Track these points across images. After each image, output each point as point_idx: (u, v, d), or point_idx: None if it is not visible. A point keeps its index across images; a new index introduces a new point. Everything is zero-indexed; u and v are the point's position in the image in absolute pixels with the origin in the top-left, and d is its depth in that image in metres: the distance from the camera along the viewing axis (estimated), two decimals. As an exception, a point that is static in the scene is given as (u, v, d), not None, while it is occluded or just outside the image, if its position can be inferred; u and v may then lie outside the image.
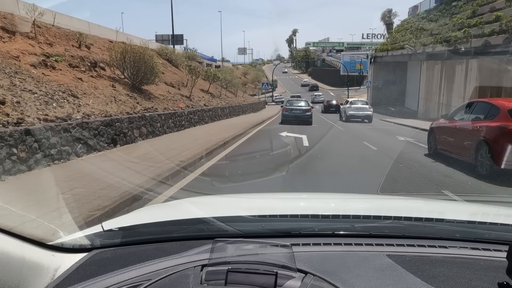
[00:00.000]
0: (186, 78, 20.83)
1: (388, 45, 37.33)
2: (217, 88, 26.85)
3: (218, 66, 58.96)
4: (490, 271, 1.03)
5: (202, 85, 25.25)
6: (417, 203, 2.03)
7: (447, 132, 8.28)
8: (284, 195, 2.62)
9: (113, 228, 1.29)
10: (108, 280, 0.99)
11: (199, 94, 21.33)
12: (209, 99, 21.63)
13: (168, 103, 14.30)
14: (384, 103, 42.40)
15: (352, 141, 13.59)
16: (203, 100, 19.64)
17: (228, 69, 63.76)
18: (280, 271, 0.95)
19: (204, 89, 24.29)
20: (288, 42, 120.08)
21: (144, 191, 5.13)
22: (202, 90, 23.77)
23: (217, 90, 27.50)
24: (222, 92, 27.90)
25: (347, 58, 65.99)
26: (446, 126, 8.50)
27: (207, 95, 22.86)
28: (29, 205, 4.06)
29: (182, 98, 17.03)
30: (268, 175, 6.40)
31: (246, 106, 29.46)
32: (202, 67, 32.78)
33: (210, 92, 24.52)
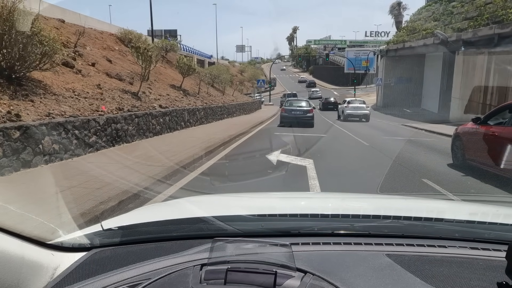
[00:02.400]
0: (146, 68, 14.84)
1: (404, 36, 31.18)
2: (200, 84, 20.87)
3: (213, 63, 53.26)
4: (489, 271, 1.02)
5: (175, 79, 19.26)
6: (416, 203, 2.00)
7: (480, 139, 6.64)
8: (284, 195, 2.59)
9: (112, 227, 1.27)
10: (107, 279, 0.98)
11: (163, 91, 15.33)
12: (177, 97, 15.58)
13: (80, 104, 8.28)
14: (397, 103, 36.40)
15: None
16: (163, 99, 13.61)
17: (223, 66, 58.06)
18: (280, 270, 0.94)
19: (176, 84, 18.30)
20: (288, 40, 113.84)
21: None
22: (172, 86, 17.79)
23: (198, 87, 21.52)
24: (203, 89, 21.88)
25: (351, 55, 59.84)
26: (478, 132, 6.82)
27: (177, 92, 16.85)
28: (28, 204, 3.91)
29: (124, 95, 11.04)
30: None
31: (234, 107, 23.40)
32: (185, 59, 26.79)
33: (184, 89, 18.52)
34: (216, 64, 56.60)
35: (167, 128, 11.48)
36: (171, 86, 17.66)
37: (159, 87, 16.02)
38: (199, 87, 20.08)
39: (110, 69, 13.44)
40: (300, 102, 19.27)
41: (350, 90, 55.73)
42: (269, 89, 45.76)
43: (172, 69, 22.13)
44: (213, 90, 25.68)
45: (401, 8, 54.46)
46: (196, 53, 50.76)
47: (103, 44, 16.95)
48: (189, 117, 13.90)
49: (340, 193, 3.36)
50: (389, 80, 37.15)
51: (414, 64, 34.44)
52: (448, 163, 7.82)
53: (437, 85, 31.47)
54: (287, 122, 17.38)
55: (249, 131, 14.76)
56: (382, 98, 37.86)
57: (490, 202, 4.75)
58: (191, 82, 22.67)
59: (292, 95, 44.27)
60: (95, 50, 15.05)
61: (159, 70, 20.05)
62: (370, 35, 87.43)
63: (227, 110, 20.89)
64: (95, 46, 15.85)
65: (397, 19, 54.16)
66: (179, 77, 21.05)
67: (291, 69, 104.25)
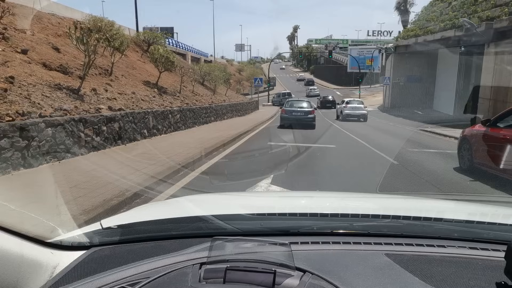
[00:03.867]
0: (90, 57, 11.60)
1: (416, 30, 27.74)
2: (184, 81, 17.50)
3: (210, 61, 50.06)
4: (488, 271, 1.01)
5: (153, 75, 15.89)
6: (415, 203, 1.97)
7: (490, 142, 6.30)
8: (283, 194, 2.61)
9: (111, 226, 1.26)
10: (106, 278, 0.97)
11: (129, 88, 11.99)
12: (146, 97, 12.21)
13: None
14: (407, 104, 33.00)
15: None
16: (122, 99, 10.26)
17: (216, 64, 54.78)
18: (279, 269, 0.93)
19: (152, 80, 14.94)
20: (289, 39, 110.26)
21: None
22: (146, 82, 14.44)
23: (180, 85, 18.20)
24: (188, 88, 18.53)
25: (355, 53, 56.37)
26: (487, 135, 6.43)
27: (149, 90, 13.49)
28: (28, 202, 3.75)
29: (53, 93, 7.70)
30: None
31: (225, 108, 20.03)
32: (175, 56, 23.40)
33: (162, 87, 15.17)
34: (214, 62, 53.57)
35: (113, 140, 8.09)
36: (145, 83, 14.31)
37: (125, 83, 12.67)
38: (180, 85, 16.68)
39: (52, 59, 10.08)
40: (301, 102, 17.95)
41: (354, 90, 52.35)
42: (268, 89, 42.32)
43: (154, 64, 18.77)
44: (203, 89, 22.32)
45: (408, 4, 50.99)
46: (191, 50, 47.43)
47: (58, 31, 13.60)
48: (156, 123, 10.51)
49: (340, 193, 3.19)
50: (397, 79, 33.73)
51: (426, 62, 31.03)
52: (455, 167, 7.42)
53: (452, 84, 28.05)
54: (287, 124, 16.13)
55: (235, 140, 11.38)
56: (390, 98, 34.44)
57: (489, 202, 4.41)
58: (175, 79, 19.34)
59: (287, 94, 41.86)
60: (40, 36, 11.69)
61: (135, 64, 16.70)
62: (372, 35, 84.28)
63: (214, 112, 17.51)
64: (44, 32, 12.50)
65: (403, 15, 50.66)
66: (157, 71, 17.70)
67: (291, 69, 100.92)
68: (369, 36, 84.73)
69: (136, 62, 17.21)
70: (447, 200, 4.30)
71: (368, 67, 54.59)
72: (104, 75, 12.07)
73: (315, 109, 18.00)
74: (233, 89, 49.58)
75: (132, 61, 17.01)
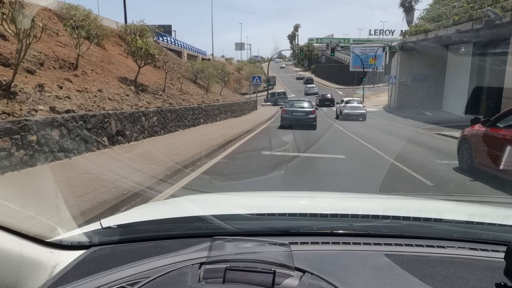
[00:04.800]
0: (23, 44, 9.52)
1: (425, 25, 25.55)
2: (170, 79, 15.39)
3: (208, 60, 47.99)
4: (488, 272, 1.00)
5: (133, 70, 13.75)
6: (415, 203, 1.96)
7: (490, 142, 6.24)
8: (283, 194, 2.49)
9: (111, 225, 1.24)
10: (106, 278, 0.96)
11: (95, 85, 9.87)
12: (116, 96, 10.07)
13: None
14: (414, 104, 30.85)
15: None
16: (81, 98, 8.19)
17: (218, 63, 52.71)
18: (278, 269, 0.92)
19: (131, 77, 12.82)
20: (289, 38, 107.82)
21: None
22: (123, 79, 12.32)
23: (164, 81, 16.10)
24: (175, 85, 16.41)
25: (357, 52, 54.11)
26: (487, 135, 6.36)
27: (124, 88, 11.37)
28: (28, 202, 3.70)
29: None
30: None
31: (218, 109, 17.90)
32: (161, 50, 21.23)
33: (142, 84, 13.05)
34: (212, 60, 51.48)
35: (49, 153, 5.90)
36: (121, 80, 12.18)
37: (94, 79, 10.55)
38: (165, 82, 14.53)
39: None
40: (302, 102, 17.31)
41: (357, 90, 50.15)
42: (267, 88, 40.19)
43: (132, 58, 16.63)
44: (194, 88, 20.20)
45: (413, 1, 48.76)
46: (188, 47, 45.31)
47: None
48: (123, 127, 8.37)
49: (339, 193, 3.15)
50: (404, 78, 31.57)
51: (434, 59, 28.83)
52: (455, 167, 7.28)
53: (464, 82, 25.88)
54: (288, 124, 15.50)
55: (223, 147, 9.23)
56: (396, 98, 32.25)
57: (489, 203, 4.20)
58: (162, 76, 17.23)
59: (282, 93, 40.62)
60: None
61: (114, 58, 14.59)
62: (374, 34, 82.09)
63: (204, 113, 15.36)
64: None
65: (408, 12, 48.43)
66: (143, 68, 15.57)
67: (292, 68, 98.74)
68: (371, 35, 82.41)
69: (116, 57, 15.10)
70: (447, 200, 4.09)
71: (371, 66, 52.37)
72: (66, 69, 9.93)
73: (316, 109, 17.18)
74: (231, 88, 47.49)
75: (111, 55, 14.90)
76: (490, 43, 19.05)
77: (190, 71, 21.92)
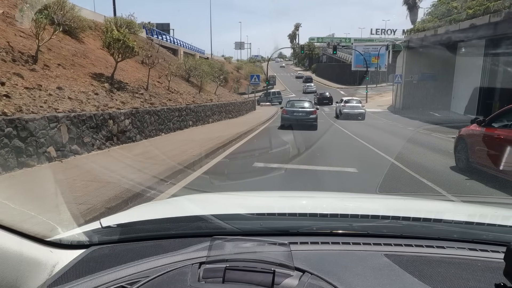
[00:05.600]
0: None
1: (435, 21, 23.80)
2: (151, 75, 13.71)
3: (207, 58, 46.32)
4: (487, 272, 0.99)
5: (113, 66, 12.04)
6: (415, 203, 1.93)
7: (485, 142, 6.34)
8: (283, 194, 2.45)
9: (111, 224, 1.23)
10: (106, 277, 0.95)
11: (55, 82, 8.17)
12: (81, 94, 8.38)
13: None
14: (420, 105, 29.14)
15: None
16: (27, 96, 6.48)
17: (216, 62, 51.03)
18: (278, 269, 0.91)
19: (107, 74, 11.10)
20: (290, 38, 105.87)
21: None
22: (97, 75, 10.61)
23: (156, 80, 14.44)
24: (163, 83, 14.70)
25: (360, 50, 52.30)
26: (482, 134, 6.46)
27: (95, 85, 9.66)
28: (28, 201, 3.60)
29: None
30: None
31: (210, 109, 16.20)
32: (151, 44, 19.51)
33: (121, 81, 11.36)
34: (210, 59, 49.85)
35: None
36: (94, 76, 10.47)
37: (59, 75, 8.86)
38: (148, 79, 12.80)
39: None
40: (303, 102, 16.85)
41: (359, 89, 48.37)
42: (266, 87, 38.45)
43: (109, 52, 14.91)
44: (186, 86, 18.50)
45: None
46: (184, 45, 43.60)
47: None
48: (80, 134, 6.63)
49: (339, 193, 3.20)
50: (410, 77, 29.84)
51: (443, 57, 27.04)
52: (451, 166, 7.31)
53: (474, 82, 24.12)
54: (288, 125, 15.19)
55: (209, 157, 7.51)
56: (401, 98, 30.51)
57: (489, 204, 4.23)
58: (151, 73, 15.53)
59: (276, 93, 39.86)
60: None
61: (92, 52, 12.88)
62: (376, 33, 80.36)
63: (194, 114, 13.64)
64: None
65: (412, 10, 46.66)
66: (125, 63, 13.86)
67: (292, 68, 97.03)
68: (372, 35, 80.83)
69: (96, 51, 13.38)
70: (446, 201, 4.17)
71: (374, 65, 50.55)
72: (22, 62, 8.24)
73: (317, 109, 16.76)
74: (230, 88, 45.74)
75: (89, 49, 13.19)
76: (505, 39, 17.31)
77: (182, 69, 20.23)
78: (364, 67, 52.21)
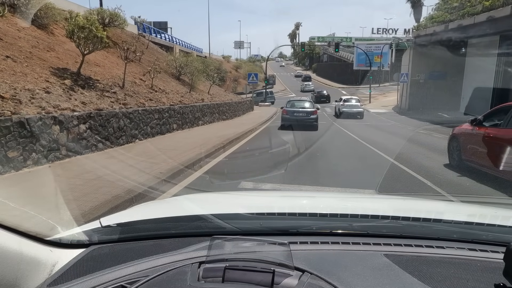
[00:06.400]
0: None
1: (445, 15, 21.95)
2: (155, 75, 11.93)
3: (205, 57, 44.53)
4: (487, 272, 0.98)
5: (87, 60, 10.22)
6: (415, 203, 1.91)
7: (477, 141, 6.44)
8: (282, 193, 2.44)
9: (111, 224, 1.21)
10: (105, 276, 0.94)
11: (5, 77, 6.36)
12: (24, 92, 6.52)
13: None
14: (428, 106, 27.30)
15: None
16: None
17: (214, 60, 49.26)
18: (278, 269, 0.91)
19: (75, 69, 9.28)
20: (290, 37, 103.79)
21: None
22: (61, 70, 8.80)
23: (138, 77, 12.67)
24: (146, 81, 12.89)
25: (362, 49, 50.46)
26: (474, 133, 6.62)
27: (53, 82, 7.84)
28: (28, 201, 3.61)
29: None
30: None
31: (200, 110, 14.42)
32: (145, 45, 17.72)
33: (90, 77, 9.54)
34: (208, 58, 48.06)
35: None
36: (57, 71, 8.68)
37: (2, 68, 7.07)
38: (124, 75, 10.97)
39: None
40: (303, 102, 16.53)
41: (361, 89, 46.59)
42: (265, 87, 36.64)
43: (105, 51, 13.09)
44: (176, 85, 16.70)
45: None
46: (181, 43, 41.83)
47: None
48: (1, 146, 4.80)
49: (339, 193, 3.03)
50: (417, 76, 27.99)
51: (452, 54, 25.21)
52: (445, 164, 7.47)
53: (488, 80, 22.32)
54: (288, 125, 14.90)
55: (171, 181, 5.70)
56: (408, 98, 28.66)
57: (488, 204, 4.08)
58: (133, 69, 13.74)
59: (269, 93, 38.94)
60: None
61: (61, 45, 11.07)
62: (377, 32, 78.54)
63: (180, 116, 11.83)
64: None
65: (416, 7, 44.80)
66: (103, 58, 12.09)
67: (292, 67, 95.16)
68: (373, 34, 79.01)
69: (66, 44, 11.54)
70: (446, 201, 4.07)
71: (377, 64, 48.65)
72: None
73: (317, 109, 16.34)
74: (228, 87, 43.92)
75: (58, 42, 11.38)
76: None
77: (172, 66, 18.43)
78: (366, 66, 50.31)
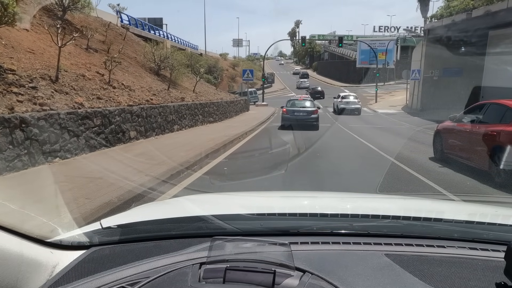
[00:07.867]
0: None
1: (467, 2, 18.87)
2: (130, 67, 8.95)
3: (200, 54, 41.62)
4: (488, 271, 0.97)
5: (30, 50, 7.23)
6: (415, 203, 1.90)
7: (456, 135, 7.25)
8: (283, 194, 2.42)
9: (111, 225, 1.21)
10: (106, 278, 0.94)
11: None
12: None
13: None
14: (443, 105, 24.09)
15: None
16: None
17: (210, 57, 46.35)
18: (278, 269, 0.90)
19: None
20: (290, 35, 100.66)
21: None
22: None
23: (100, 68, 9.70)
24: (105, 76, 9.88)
25: (365, 46, 47.32)
26: (454, 129, 7.40)
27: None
28: (28, 202, 3.58)
29: None
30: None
31: (176, 112, 11.46)
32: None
33: (10, 69, 6.49)
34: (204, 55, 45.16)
35: None
36: None
37: None
38: (57, 65, 7.91)
39: None
40: (304, 102, 16.25)
41: (365, 88, 43.55)
42: (263, 86, 33.65)
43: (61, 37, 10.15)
44: (152, 81, 13.70)
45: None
46: (173, 39, 38.81)
47: None
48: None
49: (339, 193, 3.10)
50: (431, 73, 24.93)
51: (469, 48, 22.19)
52: (430, 157, 7.92)
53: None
54: (288, 125, 14.40)
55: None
56: (420, 97, 25.59)
57: (489, 203, 4.24)
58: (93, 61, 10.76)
59: (253, 92, 36.57)
60: None
61: None
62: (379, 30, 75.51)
63: (141, 121, 8.82)
64: None
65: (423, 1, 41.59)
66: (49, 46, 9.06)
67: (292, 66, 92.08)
68: (375, 32, 76.02)
69: None
70: (446, 200, 4.10)
71: (381, 61, 45.52)
72: None
73: (318, 108, 15.93)
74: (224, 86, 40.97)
75: None
76: None
77: (150, 59, 15.43)
78: (370, 64, 47.28)
